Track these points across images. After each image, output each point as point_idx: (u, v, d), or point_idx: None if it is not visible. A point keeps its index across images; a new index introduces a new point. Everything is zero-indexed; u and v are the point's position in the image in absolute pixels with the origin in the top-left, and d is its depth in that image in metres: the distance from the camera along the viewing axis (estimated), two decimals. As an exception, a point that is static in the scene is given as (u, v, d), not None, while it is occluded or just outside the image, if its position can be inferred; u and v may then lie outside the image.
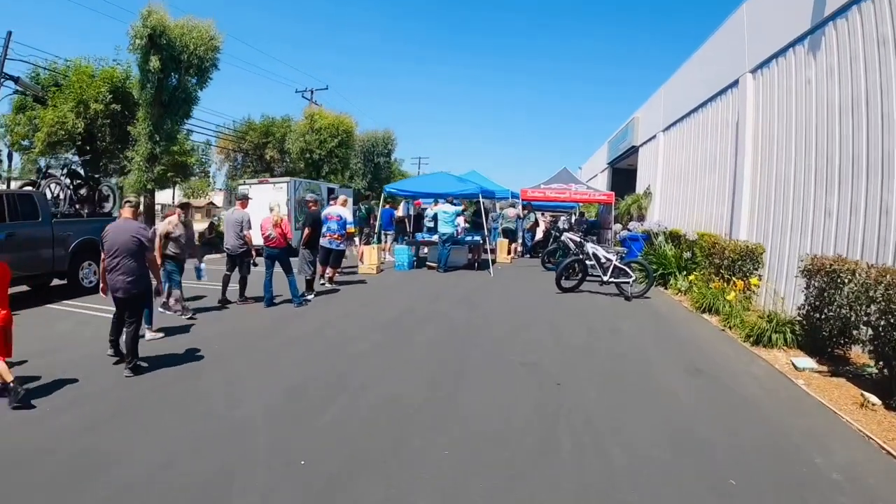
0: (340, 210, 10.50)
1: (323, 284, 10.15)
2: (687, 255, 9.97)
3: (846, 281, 5.67)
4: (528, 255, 17.01)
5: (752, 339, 6.52)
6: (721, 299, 7.87)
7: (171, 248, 7.20)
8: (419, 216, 17.44)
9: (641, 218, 17.03)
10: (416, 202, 17.32)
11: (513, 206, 16.96)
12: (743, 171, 9.54)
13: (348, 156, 26.45)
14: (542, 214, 21.97)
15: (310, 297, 9.01)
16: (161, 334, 6.42)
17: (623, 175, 22.33)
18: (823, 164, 7.32)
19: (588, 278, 10.03)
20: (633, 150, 19.31)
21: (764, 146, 9.07)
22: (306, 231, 9.33)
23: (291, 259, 8.60)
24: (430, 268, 13.30)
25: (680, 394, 4.86)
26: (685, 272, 9.99)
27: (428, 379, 5.16)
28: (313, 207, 9.61)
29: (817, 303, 6.06)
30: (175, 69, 15.49)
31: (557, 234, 14.70)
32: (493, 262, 14.89)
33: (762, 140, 9.15)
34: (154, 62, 14.60)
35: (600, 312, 8.21)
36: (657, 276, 10.28)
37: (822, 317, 5.99)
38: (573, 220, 17.48)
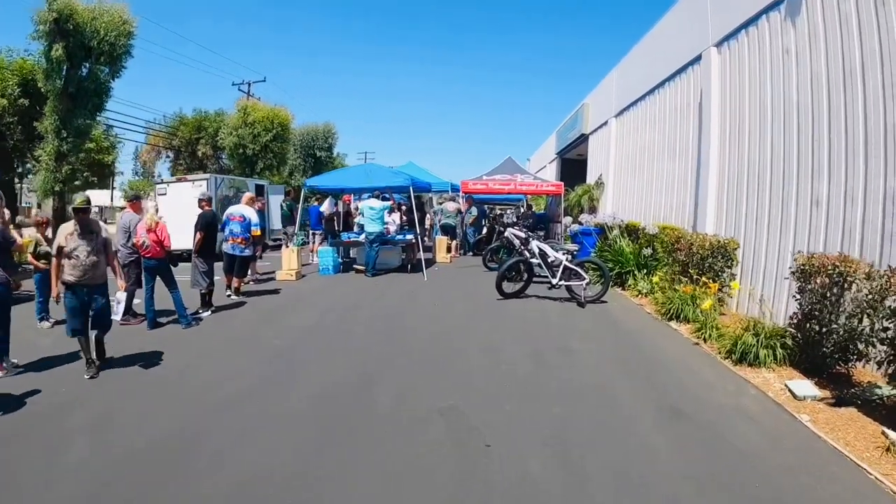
0: (244, 210, 8.89)
1: (229, 296, 8.69)
2: (647, 251, 8.85)
3: (855, 285, 4.58)
4: (472, 254, 15.64)
5: (734, 355, 5.35)
6: (690, 305, 6.73)
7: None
8: (348, 213, 15.77)
9: (593, 210, 16.05)
10: (345, 197, 15.55)
11: (453, 199, 15.55)
12: (708, 157, 8.50)
13: (285, 150, 25.61)
14: (490, 209, 20.74)
15: (205, 313, 7.55)
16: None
17: (573, 166, 21.42)
18: (808, 145, 6.27)
19: (536, 278, 8.73)
20: (583, 139, 18.35)
21: (733, 128, 8.02)
22: (197, 236, 7.75)
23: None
24: (359, 271, 11.72)
25: (660, 453, 3.51)
26: (645, 271, 8.87)
27: (304, 443, 3.60)
28: (206, 207, 8.00)
29: (816, 311, 4.93)
30: (85, 57, 14.31)
31: (501, 229, 13.37)
32: (433, 262, 13.59)
33: (730, 121, 8.11)
34: (58, 50, 13.37)
35: (549, 325, 6.86)
36: (613, 276, 9.11)
37: (824, 329, 4.87)
38: (519, 214, 16.24)
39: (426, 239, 16.71)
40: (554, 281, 8.20)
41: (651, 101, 11.87)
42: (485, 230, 16.66)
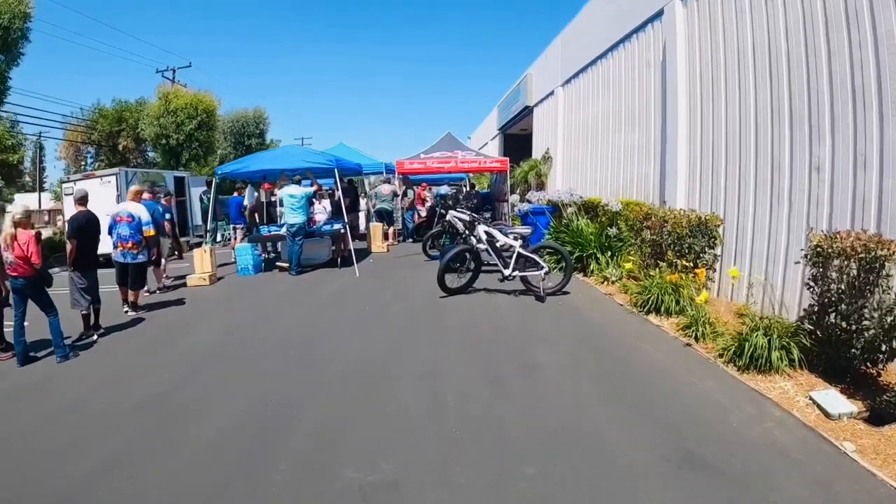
0: (132, 208, 7.19)
1: (126, 312, 7.06)
2: (612, 230, 7.80)
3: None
4: (411, 240, 14.25)
5: (739, 360, 4.34)
6: (672, 294, 5.71)
7: None
8: (271, 204, 13.94)
9: (541, 186, 15.08)
10: (265, 186, 13.60)
11: (388, 181, 14.04)
12: (676, 121, 7.52)
13: (212, 139, 23.96)
14: (429, 189, 19.30)
15: (91, 337, 6.06)
16: None
17: (516, 141, 20.40)
18: (804, 100, 5.33)
19: (486, 267, 7.50)
20: (527, 112, 17.29)
21: (705, 88, 7.05)
22: (69, 246, 6.13)
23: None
24: (282, 269, 10.08)
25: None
26: (610, 253, 7.83)
27: None
28: (79, 208, 6.34)
29: (840, 303, 3.98)
30: (-27, 43, 12.26)
31: (443, 212, 12.07)
32: (367, 252, 12.12)
33: (701, 80, 7.13)
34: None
35: (505, 330, 5.62)
36: (573, 262, 7.99)
37: (853, 327, 3.92)
38: (461, 194, 14.98)
39: (360, 227, 15.19)
40: (506, 272, 6.99)
41: (603, 66, 10.85)
42: (424, 213, 15.28)
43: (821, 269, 4.15)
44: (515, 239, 7.04)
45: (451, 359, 4.76)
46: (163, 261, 9.60)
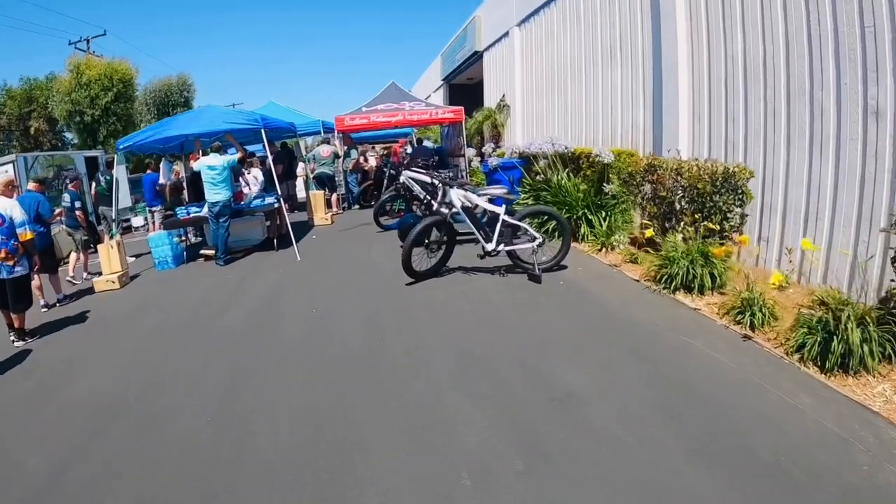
0: (2, 205, 5.27)
1: (14, 343, 5.35)
2: (610, 187, 6.66)
3: None
4: (357, 207, 12.68)
5: (828, 359, 3.37)
6: (706, 266, 4.67)
7: None
8: (197, 178, 11.87)
9: (497, 138, 13.81)
10: (191, 157, 11.34)
11: (327, 142, 12.25)
12: (674, 55, 6.38)
13: (131, 111, 22.44)
14: (373, 148, 17.58)
15: None
16: None
17: (463, 92, 18.92)
18: (853, 26, 4.26)
19: (460, 237, 6.21)
20: (476, 58, 15.75)
21: (713, 12, 5.90)
22: None
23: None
24: (208, 258, 8.38)
25: None
26: (604, 214, 6.72)
27: None
28: None
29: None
30: None
31: (394, 172, 10.58)
32: (309, 226, 10.52)
33: (708, 2, 5.96)
34: None
35: (506, 332, 4.39)
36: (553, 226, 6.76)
37: None
38: (409, 151, 13.43)
39: (298, 195, 13.42)
40: (489, 246, 5.72)
41: (570, -5, 9.47)
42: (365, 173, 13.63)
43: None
44: (497, 204, 5.75)
45: (442, 387, 3.53)
46: (75, 256, 8.04)
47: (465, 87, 19.60)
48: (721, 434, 2.85)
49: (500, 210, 5.61)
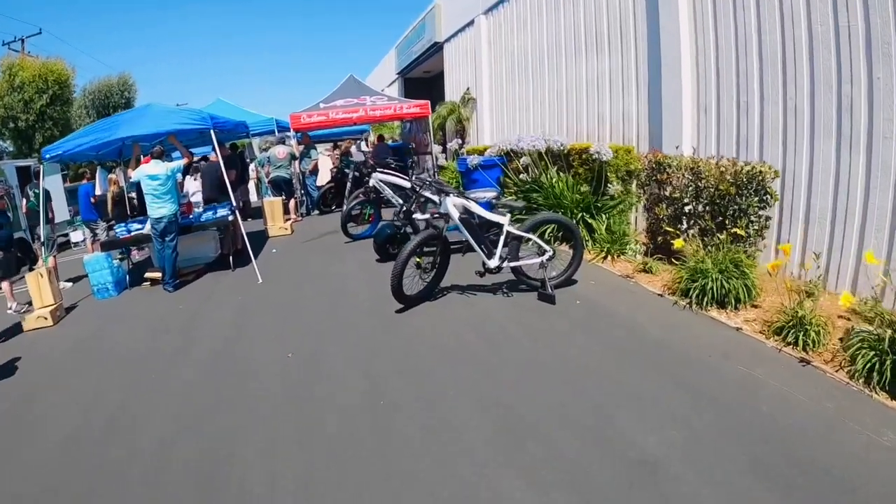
0: None
1: None
2: (616, 187, 6.17)
3: None
4: (318, 212, 11.78)
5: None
6: (736, 277, 4.24)
7: None
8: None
9: (461, 134, 13.25)
10: (145, 159, 10.03)
11: (282, 142, 11.26)
12: (675, 41, 5.97)
13: (68, 115, 21.42)
14: (334, 149, 16.52)
15: None
16: None
17: (420, 85, 18.24)
18: (886, 10, 3.93)
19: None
20: (436, 49, 15.08)
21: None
22: None
23: None
24: (154, 281, 7.34)
25: None
26: (604, 217, 6.23)
27: None
28: None
29: None
30: None
31: (358, 174, 9.84)
32: (264, 237, 9.61)
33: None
34: None
35: (534, 373, 3.76)
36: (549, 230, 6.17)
37: None
38: (373, 150, 12.66)
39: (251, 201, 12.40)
40: (491, 263, 5.02)
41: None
42: (328, 177, 12.72)
43: None
44: (501, 214, 5.11)
45: (497, 486, 2.67)
46: (4, 285, 7.07)
47: (421, 81, 18.93)
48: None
49: (505, 220, 4.98)
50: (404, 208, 6.74)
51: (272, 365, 4.35)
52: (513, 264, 5.07)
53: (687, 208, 5.13)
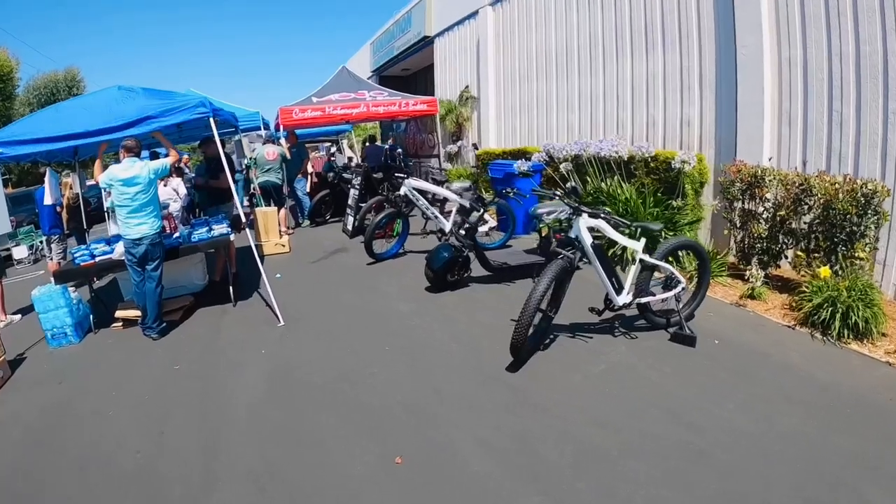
0: None
1: None
2: (714, 203, 5.82)
3: None
4: (310, 224, 10.94)
5: None
6: (865, 303, 4.06)
7: None
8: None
9: (457, 135, 12.87)
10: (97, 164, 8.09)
11: (271, 141, 10.34)
12: (758, 41, 5.75)
13: (10, 112, 20.41)
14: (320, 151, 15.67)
15: None
16: None
17: (397, 85, 17.64)
18: None
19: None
20: (424, 44, 14.59)
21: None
22: None
23: None
24: (127, 322, 5.78)
25: None
26: (673, 233, 5.96)
27: None
28: None
29: None
30: None
31: (378, 177, 9.28)
32: (261, 256, 8.01)
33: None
34: None
35: (759, 468, 2.83)
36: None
37: None
38: (386, 153, 11.95)
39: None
40: (621, 299, 4.24)
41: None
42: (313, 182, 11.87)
43: None
44: (620, 231, 4.30)
45: None
46: None
47: (399, 80, 18.42)
48: None
49: (639, 246, 4.33)
50: (467, 225, 6.09)
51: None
52: (643, 300, 4.36)
53: (791, 227, 4.92)
